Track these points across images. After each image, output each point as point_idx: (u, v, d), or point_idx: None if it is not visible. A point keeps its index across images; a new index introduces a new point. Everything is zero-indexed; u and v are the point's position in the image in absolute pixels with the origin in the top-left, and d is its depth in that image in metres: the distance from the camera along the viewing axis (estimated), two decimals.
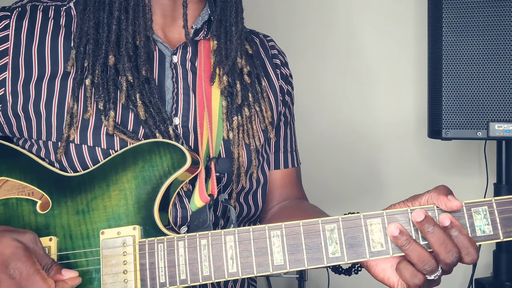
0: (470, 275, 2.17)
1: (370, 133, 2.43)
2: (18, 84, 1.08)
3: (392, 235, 0.90)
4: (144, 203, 1.01)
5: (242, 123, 1.17)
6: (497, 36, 1.82)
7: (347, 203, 2.37)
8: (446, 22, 1.86)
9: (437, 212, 0.91)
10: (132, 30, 1.08)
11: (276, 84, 1.29)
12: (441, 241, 0.88)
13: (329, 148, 2.42)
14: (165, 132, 1.08)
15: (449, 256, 0.88)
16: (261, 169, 1.24)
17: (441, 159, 2.37)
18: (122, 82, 1.07)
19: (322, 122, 2.43)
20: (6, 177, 1.07)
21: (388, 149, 2.42)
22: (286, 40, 1.38)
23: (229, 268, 0.93)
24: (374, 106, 2.42)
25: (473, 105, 1.84)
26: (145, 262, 0.97)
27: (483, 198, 0.92)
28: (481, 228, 0.90)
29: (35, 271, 0.90)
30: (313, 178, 1.90)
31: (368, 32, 2.41)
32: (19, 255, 0.91)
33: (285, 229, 0.93)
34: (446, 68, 1.86)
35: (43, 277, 0.91)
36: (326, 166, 2.41)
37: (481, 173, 2.30)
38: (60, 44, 1.10)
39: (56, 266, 0.95)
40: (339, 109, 2.43)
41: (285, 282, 2.46)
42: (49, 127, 1.07)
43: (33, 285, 0.89)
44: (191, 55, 1.17)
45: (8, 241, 0.92)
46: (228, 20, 1.18)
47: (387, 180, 2.42)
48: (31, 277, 0.90)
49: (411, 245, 0.89)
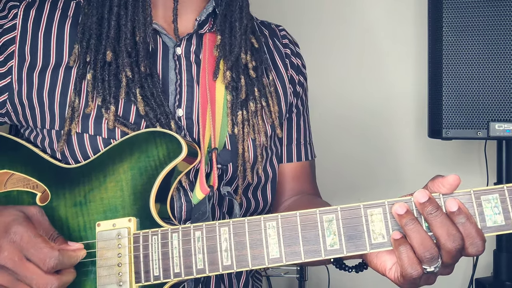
0: (471, 275, 2.16)
1: (370, 133, 2.42)
2: (23, 71, 1.09)
3: (397, 213, 0.84)
4: (140, 195, 0.99)
5: (248, 118, 1.15)
6: (497, 36, 1.82)
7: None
8: (446, 22, 1.86)
9: (443, 200, 0.85)
10: (131, 26, 1.08)
11: (285, 75, 1.27)
12: (443, 224, 0.83)
13: (329, 147, 2.41)
14: (166, 125, 1.07)
15: (451, 240, 0.82)
16: (270, 163, 1.22)
17: (441, 159, 2.36)
18: (122, 78, 1.07)
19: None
20: (8, 170, 1.07)
21: (388, 149, 2.41)
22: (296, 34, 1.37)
23: (223, 261, 0.91)
24: (375, 106, 2.41)
25: (474, 105, 1.84)
26: (139, 254, 0.95)
27: (493, 186, 0.85)
28: (491, 218, 0.84)
29: (36, 234, 0.90)
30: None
31: (369, 32, 2.41)
32: (19, 220, 0.91)
33: (281, 220, 0.89)
34: (447, 67, 1.86)
35: (44, 240, 0.90)
36: (326, 170, 2.40)
37: (482, 173, 2.29)
38: (66, 32, 1.11)
39: (62, 238, 0.96)
40: (340, 106, 2.43)
41: (285, 282, 2.45)
42: (52, 116, 1.08)
43: (34, 246, 0.89)
44: (195, 47, 1.16)
45: (10, 211, 0.93)
46: (232, 15, 1.18)
47: (386, 181, 2.41)
48: (31, 239, 0.89)
49: (415, 226, 0.84)
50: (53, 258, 0.89)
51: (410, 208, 0.86)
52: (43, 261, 0.88)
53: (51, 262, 0.88)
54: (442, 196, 0.86)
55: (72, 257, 0.93)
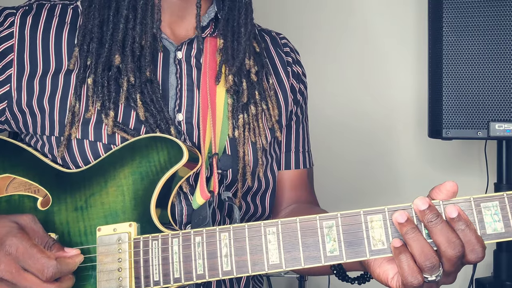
0: (471, 274, 2.16)
1: (370, 133, 2.42)
2: (23, 79, 1.08)
3: (398, 222, 0.84)
4: (141, 200, 0.99)
5: (248, 121, 1.15)
6: (497, 36, 1.82)
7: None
8: (446, 22, 1.85)
9: (443, 207, 0.85)
10: (140, 30, 1.07)
11: (287, 82, 1.27)
12: (443, 232, 0.82)
13: (328, 148, 2.41)
14: (166, 131, 1.07)
15: (451, 247, 0.82)
16: (270, 169, 1.22)
17: (441, 159, 2.36)
18: (124, 82, 1.06)
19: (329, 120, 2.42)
20: (10, 174, 1.07)
21: (388, 149, 2.41)
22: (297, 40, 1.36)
23: (223, 266, 0.91)
24: (375, 106, 2.41)
25: (474, 105, 1.84)
26: (140, 259, 0.95)
27: (493, 193, 0.84)
28: (491, 225, 0.84)
29: (31, 245, 0.90)
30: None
31: (369, 32, 2.40)
32: (13, 232, 0.91)
33: (281, 226, 0.89)
34: (447, 67, 1.85)
35: (40, 250, 0.90)
36: (326, 170, 2.40)
37: (482, 173, 2.29)
38: (64, 39, 1.10)
39: (58, 245, 0.95)
40: (340, 107, 2.43)
41: (285, 282, 2.45)
42: (52, 122, 1.07)
43: (31, 257, 0.89)
44: (196, 52, 1.16)
45: (4, 222, 0.93)
46: (236, 20, 1.17)
47: (386, 181, 2.41)
48: (27, 250, 0.89)
49: (416, 235, 0.83)
50: (51, 267, 0.89)
51: (411, 216, 0.85)
52: (41, 271, 0.88)
53: (49, 271, 0.89)
54: (442, 203, 0.86)
55: (69, 264, 0.93)
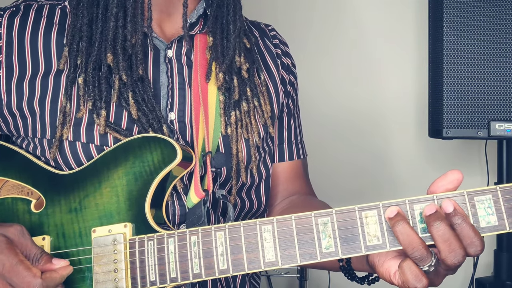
0: (471, 274, 2.16)
1: (370, 132, 2.42)
2: (12, 82, 1.07)
3: (388, 217, 0.85)
4: (135, 200, 0.99)
5: (241, 118, 1.15)
6: (497, 36, 1.82)
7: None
8: (446, 22, 1.85)
9: (438, 202, 0.85)
10: (131, 28, 1.07)
11: (277, 75, 1.26)
12: (445, 238, 0.82)
13: (327, 148, 2.41)
14: (159, 130, 1.06)
15: (452, 256, 0.83)
16: (263, 163, 1.21)
17: (442, 159, 2.36)
18: (115, 81, 1.06)
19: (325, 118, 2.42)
20: (2, 177, 1.07)
21: (388, 149, 2.41)
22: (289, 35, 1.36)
23: (219, 265, 0.91)
24: (375, 106, 2.41)
25: (474, 105, 1.84)
26: (135, 260, 0.95)
27: (486, 186, 0.84)
28: (485, 218, 0.83)
29: (18, 262, 0.89)
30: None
31: (369, 32, 2.40)
32: (1, 247, 0.90)
33: (277, 223, 0.89)
34: (447, 67, 1.85)
35: (26, 267, 0.89)
36: (325, 170, 2.40)
37: (482, 173, 2.29)
38: (53, 40, 1.09)
39: (46, 256, 0.94)
40: (340, 107, 2.42)
41: (285, 281, 2.45)
42: (43, 125, 1.07)
43: (17, 275, 0.88)
44: (186, 49, 1.16)
45: None
46: (225, 17, 1.17)
47: (386, 181, 2.40)
48: (13, 268, 0.89)
49: (403, 227, 0.83)
50: (37, 286, 0.89)
51: (403, 211, 0.86)
52: None
53: None
54: (436, 197, 0.86)
55: (55, 279, 0.92)
